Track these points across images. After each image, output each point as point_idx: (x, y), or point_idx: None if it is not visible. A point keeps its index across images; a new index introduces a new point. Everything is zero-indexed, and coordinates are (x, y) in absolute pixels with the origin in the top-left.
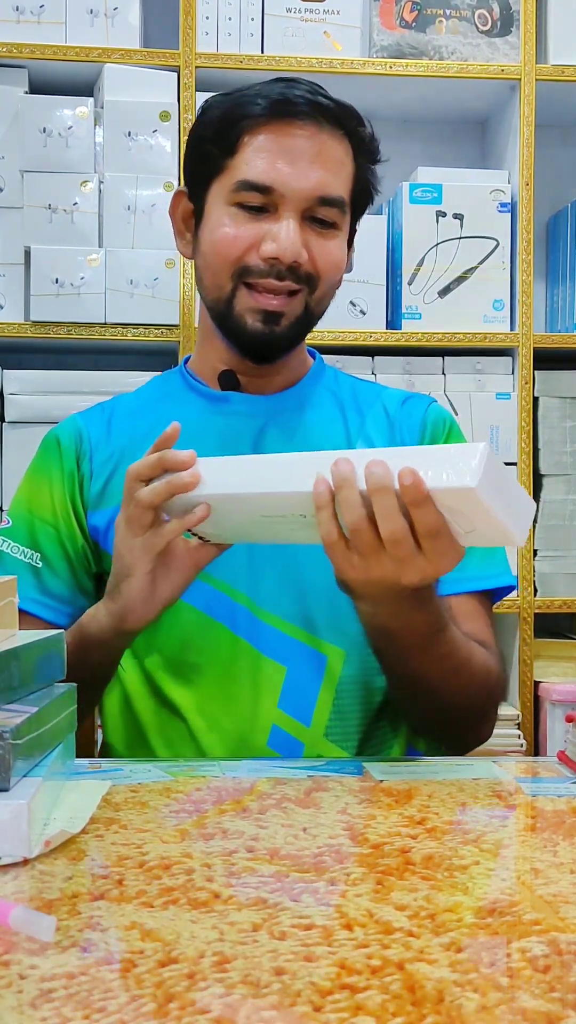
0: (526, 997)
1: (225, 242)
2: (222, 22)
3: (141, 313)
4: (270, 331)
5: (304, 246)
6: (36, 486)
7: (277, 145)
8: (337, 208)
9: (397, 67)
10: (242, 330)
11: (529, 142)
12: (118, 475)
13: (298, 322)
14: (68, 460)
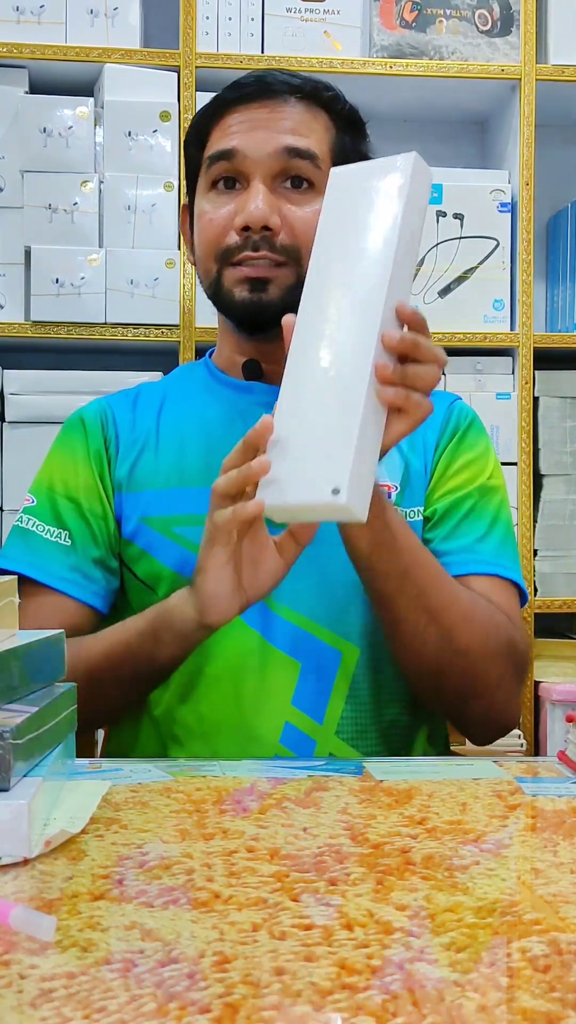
0: (526, 997)
1: (206, 228)
2: (222, 22)
3: (141, 313)
4: (258, 299)
5: (280, 215)
6: (60, 465)
7: (239, 121)
8: (308, 161)
9: (397, 67)
10: (232, 304)
11: (529, 142)
12: (142, 460)
13: (290, 292)
14: (95, 440)
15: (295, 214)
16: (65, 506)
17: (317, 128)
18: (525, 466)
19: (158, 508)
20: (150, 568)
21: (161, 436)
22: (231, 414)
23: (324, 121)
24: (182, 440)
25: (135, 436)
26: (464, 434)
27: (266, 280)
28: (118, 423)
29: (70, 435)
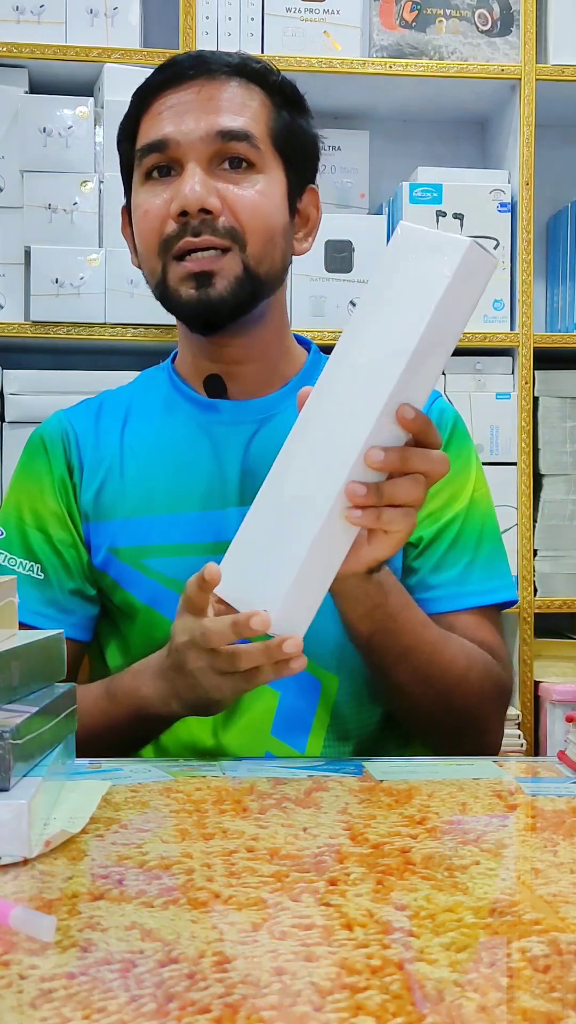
0: (526, 997)
1: (142, 221)
2: (222, 22)
3: (141, 313)
4: (205, 294)
5: (219, 195)
6: (27, 493)
7: (167, 106)
8: (245, 143)
9: (397, 67)
10: (179, 302)
11: (529, 142)
12: (108, 487)
13: (238, 283)
14: (58, 466)
15: (236, 193)
16: (35, 537)
17: (252, 105)
18: (525, 466)
19: (126, 538)
20: (124, 600)
21: (126, 459)
22: (196, 434)
23: (259, 97)
24: (147, 464)
25: (99, 458)
26: (448, 444)
27: (210, 273)
28: (81, 445)
29: (33, 459)
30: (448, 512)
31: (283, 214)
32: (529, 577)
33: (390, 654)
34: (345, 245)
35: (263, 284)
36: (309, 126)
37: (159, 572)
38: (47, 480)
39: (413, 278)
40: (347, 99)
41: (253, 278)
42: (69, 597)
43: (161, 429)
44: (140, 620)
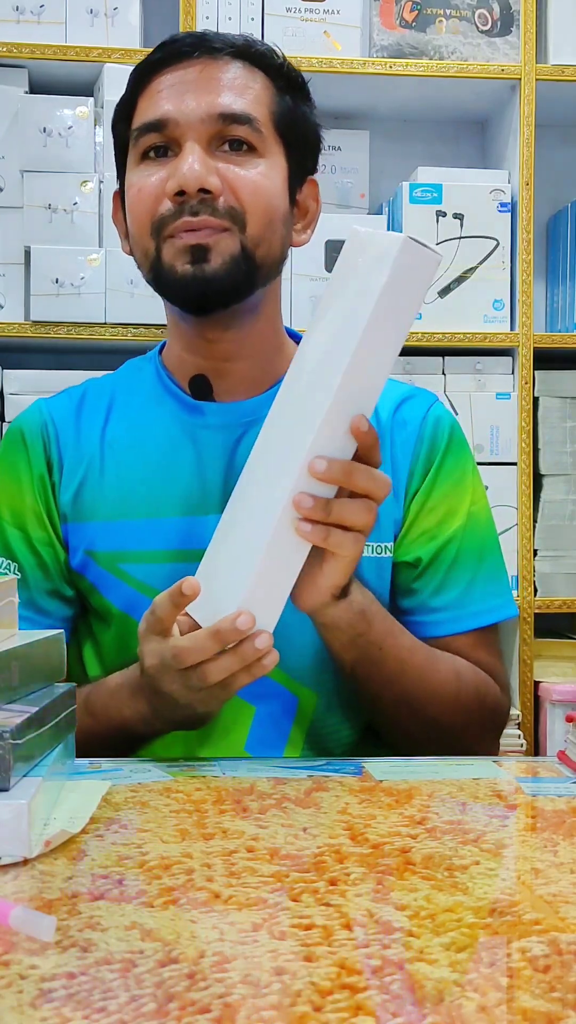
0: (526, 997)
1: (135, 200)
2: (222, 22)
3: (141, 313)
4: (200, 270)
5: (219, 175)
6: (5, 490)
7: (165, 85)
8: (247, 126)
9: (397, 67)
10: (173, 280)
11: (529, 142)
12: (87, 487)
13: (235, 262)
14: (37, 463)
15: (236, 173)
16: (13, 535)
17: (254, 87)
18: (525, 466)
19: (104, 542)
20: (100, 604)
21: (106, 458)
22: (180, 437)
23: (262, 80)
24: (129, 465)
25: (79, 456)
26: (443, 459)
27: (206, 248)
28: (61, 440)
29: (12, 454)
30: (446, 530)
31: (283, 200)
32: (529, 577)
33: (375, 681)
34: None
35: (259, 267)
36: (312, 114)
37: (135, 578)
38: (26, 477)
39: (354, 283)
40: (347, 99)
41: (250, 259)
42: (46, 597)
43: (144, 428)
44: (115, 626)
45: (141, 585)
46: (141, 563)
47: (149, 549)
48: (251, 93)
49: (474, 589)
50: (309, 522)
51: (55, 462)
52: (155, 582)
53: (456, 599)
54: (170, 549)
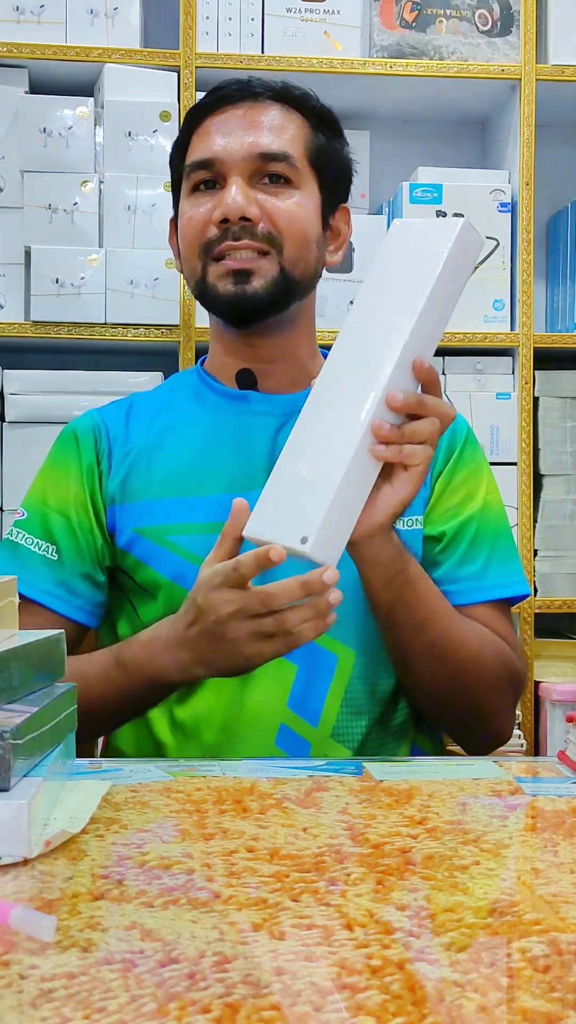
0: (526, 997)
1: (188, 227)
2: (222, 22)
3: (141, 313)
4: (242, 290)
5: (258, 205)
6: (53, 479)
7: (214, 126)
8: (283, 163)
9: (397, 67)
10: (218, 297)
11: (529, 142)
12: (135, 472)
13: (274, 283)
14: (87, 455)
15: (274, 204)
16: (56, 520)
17: (290, 127)
18: (525, 466)
19: (151, 518)
20: (147, 577)
21: (154, 448)
22: (224, 422)
23: (298, 120)
24: (175, 450)
25: (128, 448)
26: (462, 450)
27: (249, 272)
28: (111, 436)
29: (63, 449)
30: (466, 510)
31: (316, 225)
32: (529, 577)
33: (408, 625)
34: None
35: (297, 285)
36: (344, 149)
37: (184, 548)
38: (75, 468)
39: (415, 255)
40: (347, 99)
41: (288, 279)
42: (79, 580)
43: (190, 419)
44: (162, 597)
45: (188, 554)
46: (189, 534)
47: (197, 522)
48: (288, 133)
49: (492, 565)
50: (384, 445)
51: (104, 453)
52: (202, 552)
53: (477, 572)
54: (217, 521)
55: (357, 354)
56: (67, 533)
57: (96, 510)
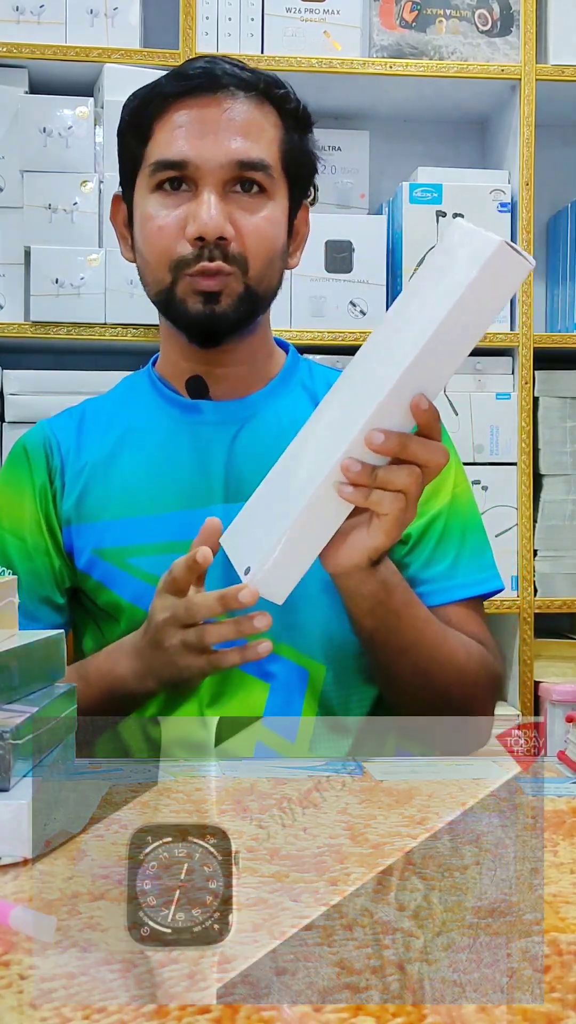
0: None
1: (154, 234)
2: (222, 22)
3: (141, 313)
4: (211, 311)
5: (232, 222)
6: (6, 499)
7: (188, 119)
8: (261, 172)
9: (397, 67)
10: (185, 314)
11: (529, 142)
12: (91, 491)
13: (240, 300)
14: (39, 474)
15: (246, 221)
16: (11, 543)
17: (267, 128)
18: (525, 466)
19: (111, 539)
20: (108, 600)
21: (108, 465)
22: (179, 436)
23: (274, 119)
24: (131, 466)
25: (81, 464)
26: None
27: (217, 293)
28: (63, 452)
29: (15, 468)
30: (432, 507)
31: (283, 236)
32: (529, 577)
33: (392, 649)
34: (345, 245)
35: (261, 300)
36: (312, 144)
37: (144, 571)
38: (27, 487)
39: (443, 273)
40: (347, 99)
41: (252, 296)
42: (38, 604)
43: (143, 432)
44: (124, 619)
45: (148, 576)
46: (148, 555)
47: (155, 542)
48: (265, 136)
49: (461, 563)
50: (353, 486)
51: (56, 471)
52: (161, 572)
53: (445, 571)
54: (176, 540)
55: (358, 380)
56: (23, 556)
57: (52, 531)
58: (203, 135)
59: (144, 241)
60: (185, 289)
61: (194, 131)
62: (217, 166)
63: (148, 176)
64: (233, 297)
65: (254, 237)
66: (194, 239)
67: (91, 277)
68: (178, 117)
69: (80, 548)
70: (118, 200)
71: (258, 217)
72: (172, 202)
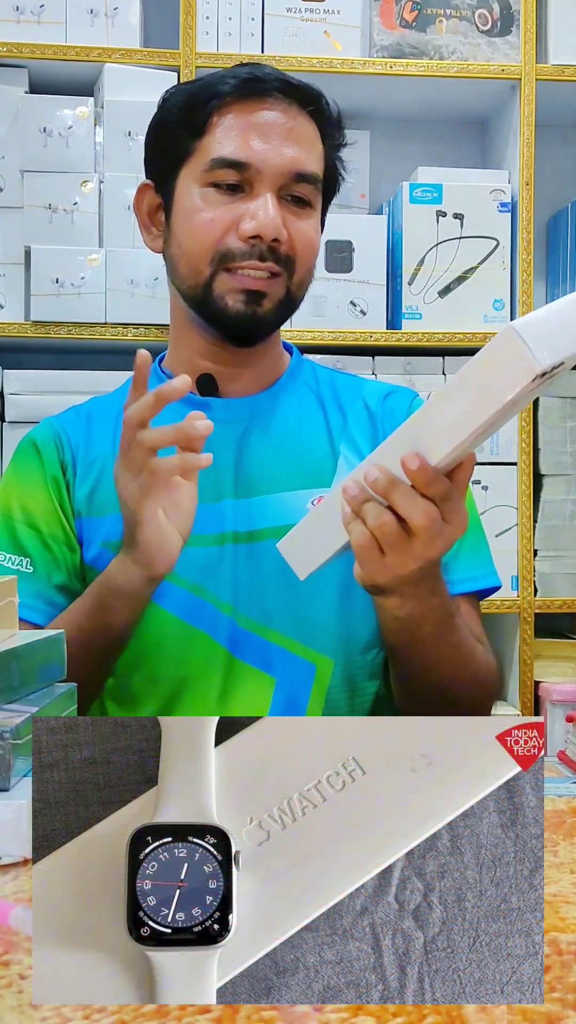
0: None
1: (202, 226)
2: (222, 22)
3: (141, 313)
4: (253, 312)
5: (285, 226)
6: (18, 492)
7: (248, 122)
8: (312, 185)
9: (397, 67)
10: (224, 312)
11: (529, 142)
12: (101, 484)
13: (281, 305)
14: (51, 465)
15: (297, 227)
16: (25, 533)
17: (317, 143)
18: (525, 466)
19: (120, 533)
20: None
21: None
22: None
23: (320, 135)
24: None
25: (91, 458)
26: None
27: (263, 293)
28: (73, 445)
29: (24, 460)
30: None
31: (319, 245)
32: (529, 577)
33: (413, 665)
34: (345, 245)
35: (296, 305)
36: (342, 161)
37: None
38: (39, 478)
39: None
40: (347, 99)
41: (291, 301)
42: (56, 591)
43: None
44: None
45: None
46: None
47: None
48: (317, 151)
49: (459, 559)
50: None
51: (68, 464)
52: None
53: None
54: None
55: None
56: (39, 545)
57: (67, 520)
58: (267, 140)
59: (188, 231)
60: (226, 286)
61: (255, 134)
62: (277, 172)
63: (201, 170)
64: (275, 301)
65: (303, 244)
66: (248, 237)
67: (91, 277)
68: (238, 117)
69: (89, 541)
70: (146, 188)
71: (306, 224)
72: (226, 199)
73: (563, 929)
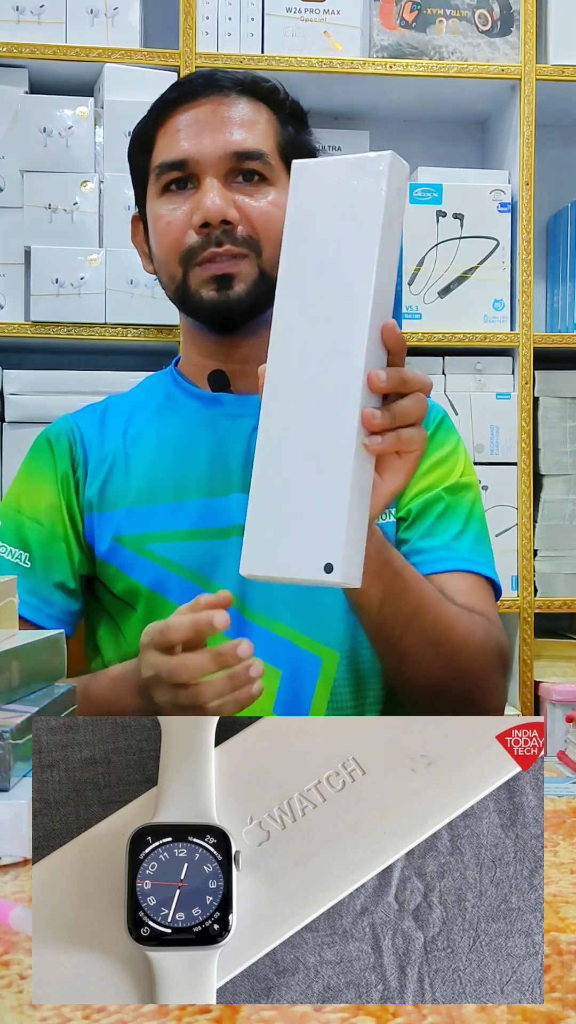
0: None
1: (163, 231)
2: (222, 22)
3: (141, 313)
4: (225, 296)
5: (236, 207)
6: (28, 486)
7: (183, 124)
8: (257, 160)
9: (397, 67)
10: (201, 305)
11: (529, 142)
12: (112, 480)
13: (255, 285)
14: (62, 462)
15: (251, 204)
16: (30, 527)
17: (261, 122)
18: (525, 466)
19: (130, 526)
20: (127, 586)
21: (129, 454)
22: (199, 426)
23: (267, 114)
24: (151, 457)
25: (103, 455)
26: (433, 434)
27: (230, 276)
28: (86, 442)
29: (37, 457)
30: (434, 488)
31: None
32: (529, 577)
33: (401, 616)
34: None
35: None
36: (311, 141)
37: (163, 556)
38: (50, 475)
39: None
40: (347, 99)
41: (268, 281)
42: (52, 589)
43: (164, 424)
44: (142, 606)
45: (167, 562)
46: (167, 542)
47: (174, 529)
48: (259, 128)
49: (463, 540)
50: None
51: (80, 460)
52: (181, 559)
53: (445, 543)
54: (194, 528)
55: (313, 335)
56: (40, 541)
57: (73, 519)
58: (200, 133)
59: (156, 241)
60: (197, 279)
61: (191, 131)
62: (216, 159)
63: (155, 182)
64: (248, 282)
65: (263, 220)
66: (199, 226)
67: (91, 277)
68: (176, 122)
69: (100, 535)
70: (136, 220)
71: (264, 201)
72: (178, 200)
73: (563, 929)
